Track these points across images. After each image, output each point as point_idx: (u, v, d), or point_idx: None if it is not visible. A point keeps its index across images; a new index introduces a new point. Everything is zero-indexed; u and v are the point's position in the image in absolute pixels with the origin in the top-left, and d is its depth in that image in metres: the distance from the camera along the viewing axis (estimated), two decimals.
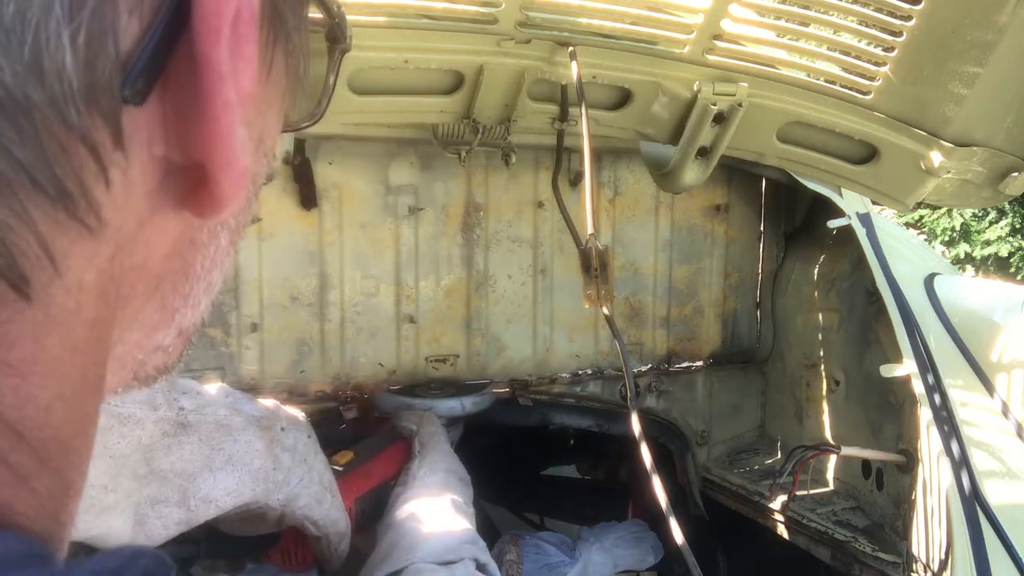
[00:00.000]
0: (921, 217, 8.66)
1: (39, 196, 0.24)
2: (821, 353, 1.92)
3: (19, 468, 0.26)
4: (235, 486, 0.98)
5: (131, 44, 0.25)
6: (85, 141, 0.25)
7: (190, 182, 0.29)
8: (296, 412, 1.17)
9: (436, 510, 1.17)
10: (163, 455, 0.92)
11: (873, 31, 1.25)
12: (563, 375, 1.93)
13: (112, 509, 0.88)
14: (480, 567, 1.05)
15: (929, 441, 1.51)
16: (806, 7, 1.25)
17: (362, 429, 1.60)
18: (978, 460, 1.47)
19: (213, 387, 1.06)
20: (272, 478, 1.04)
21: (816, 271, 1.96)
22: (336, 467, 1.25)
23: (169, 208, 0.30)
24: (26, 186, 0.24)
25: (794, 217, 2.11)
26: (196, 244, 0.33)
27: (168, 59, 0.27)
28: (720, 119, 1.43)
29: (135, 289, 0.30)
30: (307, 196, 1.63)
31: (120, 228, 0.28)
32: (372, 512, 1.27)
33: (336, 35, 0.42)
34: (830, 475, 1.89)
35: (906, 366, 1.54)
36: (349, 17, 1.19)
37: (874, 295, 1.70)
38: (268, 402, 1.12)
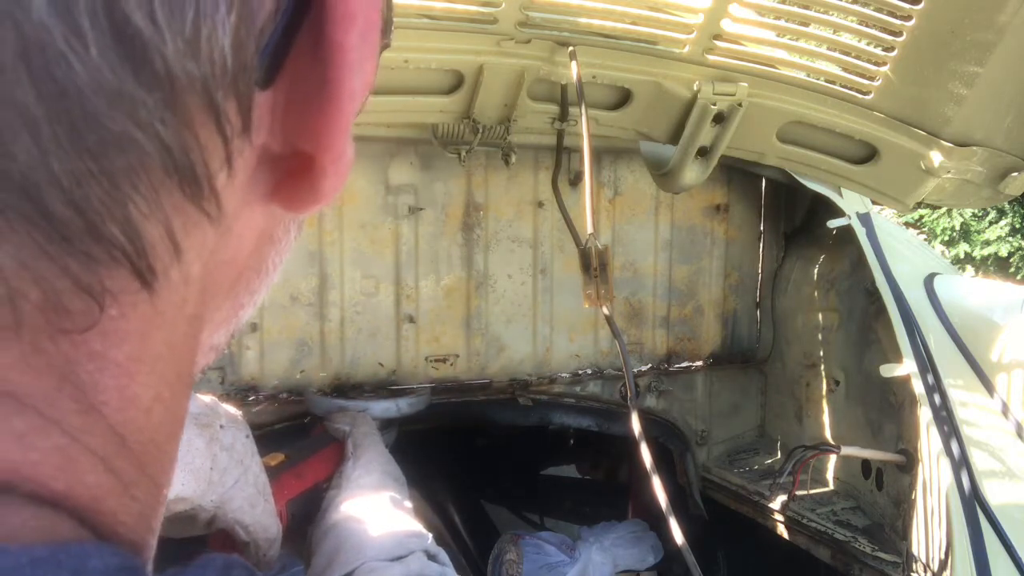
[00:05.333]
0: (921, 217, 8.65)
1: (172, 182, 0.23)
2: (821, 353, 1.92)
3: (123, 475, 0.25)
4: (179, 487, 0.95)
5: (264, 24, 0.24)
6: (219, 125, 0.24)
7: (280, 173, 0.28)
8: (234, 410, 1.13)
9: (377, 509, 1.16)
10: None
11: (873, 31, 1.25)
12: (563, 375, 1.93)
13: None
14: (431, 557, 1.04)
15: (929, 441, 1.51)
16: (806, 7, 1.25)
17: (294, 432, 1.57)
18: (978, 460, 1.47)
19: None
20: (209, 478, 1.00)
21: (816, 271, 1.96)
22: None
23: (259, 201, 0.28)
24: (162, 170, 0.23)
25: (794, 217, 2.11)
26: (274, 240, 0.32)
27: (294, 42, 0.25)
28: (720, 119, 1.43)
29: (221, 286, 0.29)
30: None
31: (225, 214, 0.26)
32: (304, 516, 1.24)
33: (384, 31, 0.42)
34: (830, 475, 1.89)
35: (906, 366, 1.54)
36: None
37: (874, 295, 1.70)
38: (206, 398, 1.09)
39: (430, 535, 1.10)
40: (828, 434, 1.89)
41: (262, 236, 0.31)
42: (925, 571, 1.51)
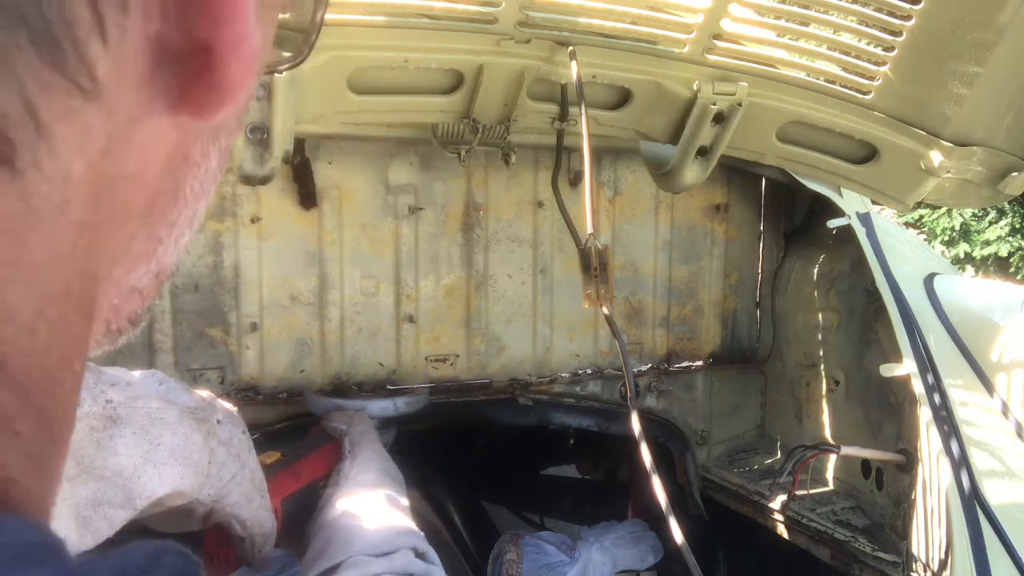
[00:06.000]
0: (921, 217, 8.66)
1: (19, 32, 0.20)
2: (821, 353, 1.92)
3: (1, 407, 0.22)
4: (179, 481, 0.94)
5: None
6: None
7: (187, 76, 0.25)
8: (230, 407, 1.12)
9: (370, 506, 1.16)
10: (94, 452, 0.86)
11: (873, 31, 1.25)
12: (563, 375, 1.93)
13: None
14: (419, 555, 1.04)
15: (929, 441, 1.51)
16: (806, 7, 1.25)
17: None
18: (978, 460, 1.47)
19: (144, 375, 0.99)
20: (207, 472, 0.99)
21: (816, 271, 1.96)
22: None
23: (164, 110, 0.26)
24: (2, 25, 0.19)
25: (794, 217, 2.11)
26: (189, 161, 0.29)
27: None
28: (720, 119, 1.43)
29: (130, 207, 0.27)
30: (307, 196, 1.63)
31: (115, 109, 0.23)
32: (299, 513, 1.24)
33: None
34: (830, 475, 1.89)
35: (906, 366, 1.54)
36: (349, 17, 1.20)
37: (874, 295, 1.70)
38: (203, 393, 1.07)
39: (422, 533, 1.10)
40: (828, 434, 1.89)
41: (175, 155, 0.28)
42: (925, 571, 1.51)
